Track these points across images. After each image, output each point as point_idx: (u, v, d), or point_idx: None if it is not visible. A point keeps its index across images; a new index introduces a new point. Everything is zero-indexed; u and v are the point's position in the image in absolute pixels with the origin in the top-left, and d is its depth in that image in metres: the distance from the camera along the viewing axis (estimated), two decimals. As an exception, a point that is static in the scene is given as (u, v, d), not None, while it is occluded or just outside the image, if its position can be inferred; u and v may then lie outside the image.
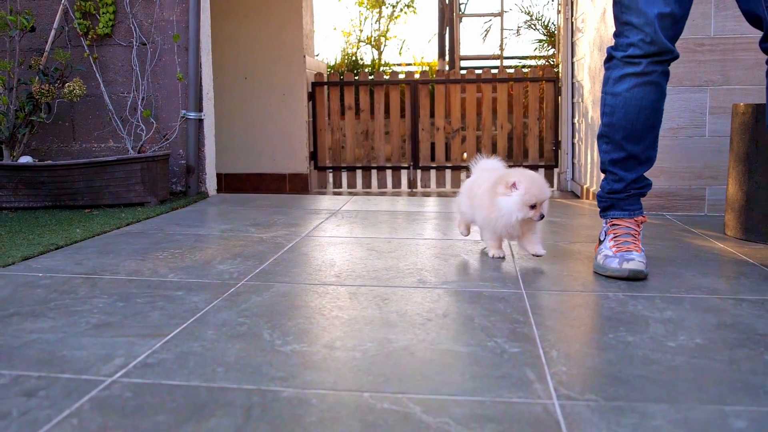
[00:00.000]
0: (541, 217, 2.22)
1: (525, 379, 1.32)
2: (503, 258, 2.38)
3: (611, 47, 2.23)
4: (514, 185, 2.18)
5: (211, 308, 1.78)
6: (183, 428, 1.11)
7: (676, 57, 2.15)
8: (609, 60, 2.24)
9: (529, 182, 2.18)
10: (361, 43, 11.25)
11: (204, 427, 1.12)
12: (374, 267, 2.26)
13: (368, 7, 11.39)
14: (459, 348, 1.50)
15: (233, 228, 2.99)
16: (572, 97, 5.46)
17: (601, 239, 2.30)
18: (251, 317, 1.71)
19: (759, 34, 2.11)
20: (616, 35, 2.21)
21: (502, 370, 1.36)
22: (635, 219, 2.26)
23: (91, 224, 3.02)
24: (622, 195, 2.27)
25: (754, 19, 2.09)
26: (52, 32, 3.81)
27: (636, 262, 2.09)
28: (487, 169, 2.46)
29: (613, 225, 2.27)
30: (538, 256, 2.30)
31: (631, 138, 2.21)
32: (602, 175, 2.34)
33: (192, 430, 1.10)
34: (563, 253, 2.50)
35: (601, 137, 2.29)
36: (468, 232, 2.63)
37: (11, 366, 1.38)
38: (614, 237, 2.22)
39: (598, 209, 2.35)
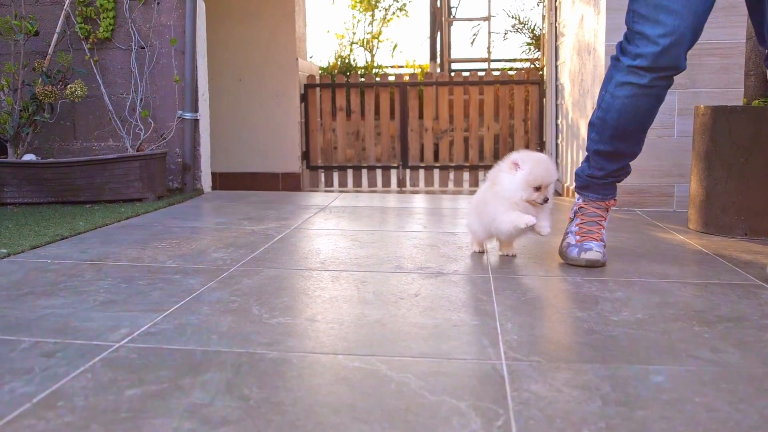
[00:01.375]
0: (545, 200, 2.17)
1: (480, 344, 1.52)
2: (532, 223, 2.17)
3: (621, 47, 2.21)
4: (517, 164, 2.15)
5: (205, 289, 1.97)
6: (182, 380, 1.30)
7: (683, 70, 2.14)
8: (616, 59, 2.22)
9: (534, 162, 2.14)
10: (354, 46, 11.44)
11: (200, 379, 1.31)
12: (356, 255, 2.45)
13: (361, 10, 11.57)
14: (425, 321, 1.69)
15: (227, 221, 3.18)
16: (556, 99, 5.66)
17: (571, 216, 2.42)
18: (242, 296, 1.90)
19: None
20: (626, 40, 2.18)
21: (461, 339, 1.56)
22: (605, 203, 2.38)
23: (93, 218, 3.20)
24: (599, 182, 2.37)
25: (759, 37, 2.18)
26: (55, 36, 3.99)
27: (593, 252, 2.23)
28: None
29: (582, 209, 2.38)
30: (541, 234, 2.21)
31: (620, 137, 2.27)
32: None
33: (190, 382, 1.30)
34: (535, 244, 2.69)
35: (592, 125, 2.33)
36: (481, 248, 2.49)
37: (30, 334, 1.57)
38: (580, 223, 2.35)
39: (574, 183, 2.46)
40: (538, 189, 2.14)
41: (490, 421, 1.14)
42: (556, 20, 5.66)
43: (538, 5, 8.66)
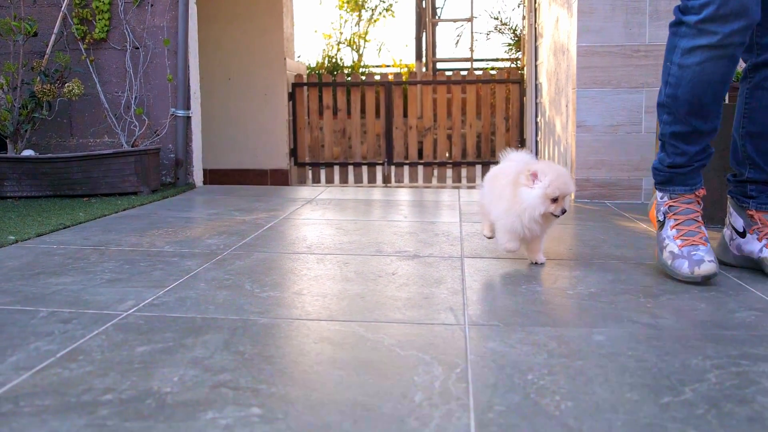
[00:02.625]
0: (563, 211, 2.10)
1: (447, 312, 1.72)
2: (516, 250, 2.24)
3: (679, 8, 2.00)
4: (536, 176, 2.07)
5: (202, 269, 2.17)
6: (185, 340, 1.49)
7: (757, 21, 1.89)
8: (678, 24, 2.00)
9: (554, 174, 2.06)
10: (341, 45, 11.64)
11: (201, 339, 1.50)
12: (340, 241, 2.65)
13: (348, 10, 11.78)
14: (400, 294, 1.89)
15: (219, 212, 3.36)
16: (536, 97, 5.87)
17: (659, 219, 2.18)
18: (235, 275, 2.09)
19: None
20: None
21: (431, 308, 1.76)
22: (695, 194, 2.15)
23: (92, 209, 3.38)
24: (684, 169, 2.12)
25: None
26: (53, 37, 4.16)
27: (706, 264, 1.98)
28: (514, 160, 2.26)
29: (672, 207, 2.14)
30: (538, 264, 2.26)
31: (697, 113, 2.03)
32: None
33: (192, 341, 1.49)
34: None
35: (663, 106, 2.11)
36: (492, 233, 2.37)
37: (46, 305, 1.76)
38: (676, 224, 2.11)
39: (654, 181, 2.22)
40: (554, 200, 2.07)
41: (451, 368, 1.34)
42: (535, 21, 5.88)
43: (519, 6, 8.88)
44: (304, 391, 1.24)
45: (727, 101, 2.66)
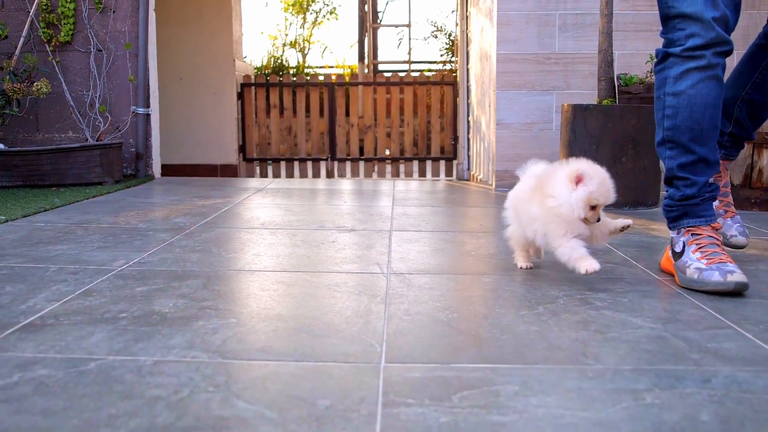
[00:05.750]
0: (598, 220, 1.99)
1: (375, 266, 2.21)
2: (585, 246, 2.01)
3: (663, 48, 2.10)
4: (581, 178, 1.93)
5: (175, 239, 2.62)
6: (172, 283, 1.95)
7: (732, 50, 2.02)
8: (664, 59, 2.09)
9: (600, 180, 1.95)
10: (286, 47, 12.05)
11: (184, 283, 1.96)
12: (289, 219, 3.12)
13: (293, 12, 12.19)
14: (338, 255, 2.38)
15: (180, 198, 3.80)
16: (467, 98, 6.42)
17: (677, 250, 2.10)
18: (203, 243, 2.55)
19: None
20: (666, 32, 2.08)
21: (362, 263, 2.25)
22: (711, 226, 2.08)
23: (65, 196, 3.78)
24: (696, 200, 2.08)
25: None
26: (21, 39, 4.52)
27: (738, 274, 1.91)
28: (536, 176, 2.13)
29: (694, 234, 2.07)
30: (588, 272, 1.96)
31: (698, 139, 2.05)
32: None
33: (178, 284, 1.95)
34: (436, 212, 3.40)
35: (664, 143, 2.12)
36: (528, 260, 2.21)
37: (53, 263, 2.19)
38: (700, 248, 2.03)
39: (666, 220, 2.18)
40: (593, 208, 1.96)
41: (374, 298, 1.83)
42: (467, 28, 6.42)
43: (452, 13, 9.45)
44: (267, 310, 1.72)
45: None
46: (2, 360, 1.36)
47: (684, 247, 2.06)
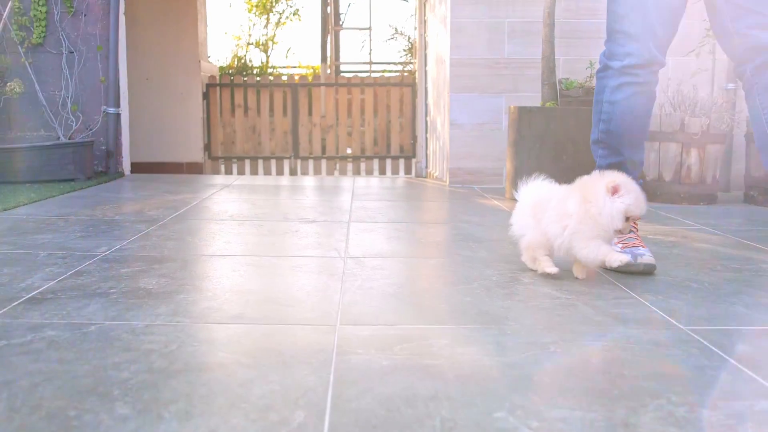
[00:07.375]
0: (629, 230, 2.13)
1: (333, 251, 2.48)
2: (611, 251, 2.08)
3: (605, 56, 2.31)
4: (617, 189, 2.01)
5: (151, 230, 2.86)
6: (152, 267, 2.20)
7: (663, 65, 2.27)
8: (605, 69, 2.30)
9: (637, 194, 2.04)
10: (250, 47, 12.24)
11: (164, 266, 2.21)
12: (255, 212, 3.38)
13: (257, 13, 12.39)
14: (300, 242, 2.64)
15: (151, 194, 4.02)
16: (426, 99, 6.70)
17: None
18: (177, 233, 2.80)
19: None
20: (608, 42, 2.27)
21: (322, 249, 2.52)
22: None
23: (41, 191, 3.98)
24: None
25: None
26: (-6, 41, 4.70)
27: (648, 257, 2.19)
28: (545, 188, 2.24)
29: None
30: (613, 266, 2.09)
31: (628, 144, 2.32)
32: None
33: (158, 266, 2.20)
34: (392, 206, 3.68)
35: (598, 142, 2.37)
36: (553, 263, 2.17)
37: (42, 250, 2.42)
38: (618, 241, 2.26)
39: None
40: (627, 219, 2.04)
41: (331, 276, 2.10)
42: (425, 32, 6.71)
43: (411, 17, 9.74)
44: (239, 286, 1.98)
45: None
46: (15, 324, 1.60)
47: None
